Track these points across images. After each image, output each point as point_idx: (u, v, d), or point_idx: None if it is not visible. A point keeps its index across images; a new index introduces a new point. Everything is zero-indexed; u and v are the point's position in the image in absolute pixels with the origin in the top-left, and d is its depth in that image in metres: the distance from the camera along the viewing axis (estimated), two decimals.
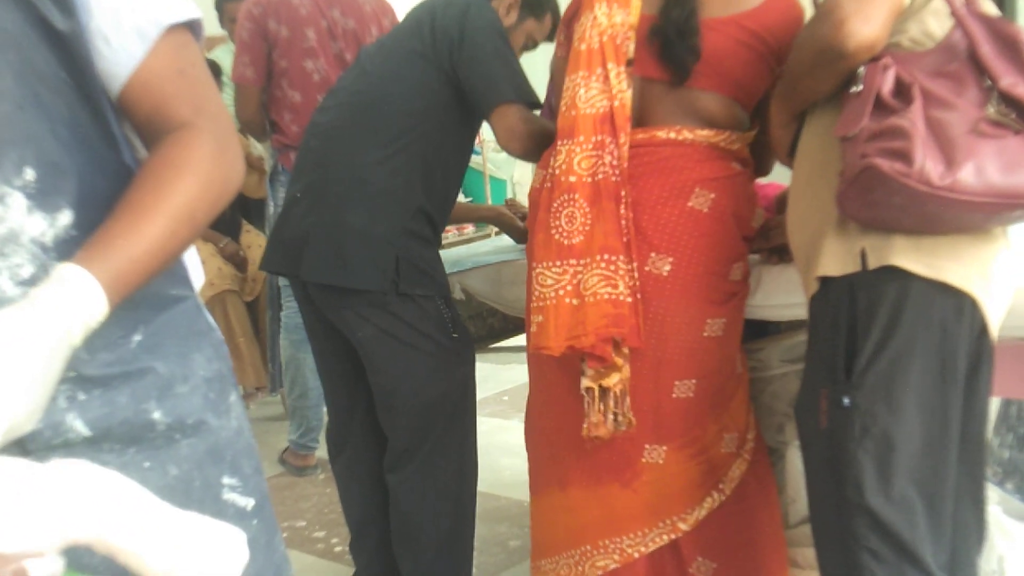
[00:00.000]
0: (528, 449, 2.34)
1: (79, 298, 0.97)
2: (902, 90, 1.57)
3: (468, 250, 2.94)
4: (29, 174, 1.05)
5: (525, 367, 2.34)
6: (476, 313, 2.90)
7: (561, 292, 1.99)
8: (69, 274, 0.98)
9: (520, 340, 2.98)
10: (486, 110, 2.39)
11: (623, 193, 1.96)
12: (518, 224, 2.84)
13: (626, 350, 1.97)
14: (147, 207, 1.06)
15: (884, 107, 1.58)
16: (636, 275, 1.96)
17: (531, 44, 2.74)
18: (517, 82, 2.39)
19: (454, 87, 2.46)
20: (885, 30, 1.60)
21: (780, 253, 2.10)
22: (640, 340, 1.96)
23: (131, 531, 0.87)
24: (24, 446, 1.03)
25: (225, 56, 4.56)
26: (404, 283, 2.43)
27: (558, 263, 2.00)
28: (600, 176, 1.97)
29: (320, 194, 2.52)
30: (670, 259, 2.00)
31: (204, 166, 1.12)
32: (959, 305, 1.60)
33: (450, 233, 6.95)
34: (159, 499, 0.91)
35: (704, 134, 2.02)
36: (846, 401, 1.64)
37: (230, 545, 0.94)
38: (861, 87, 1.62)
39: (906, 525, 1.64)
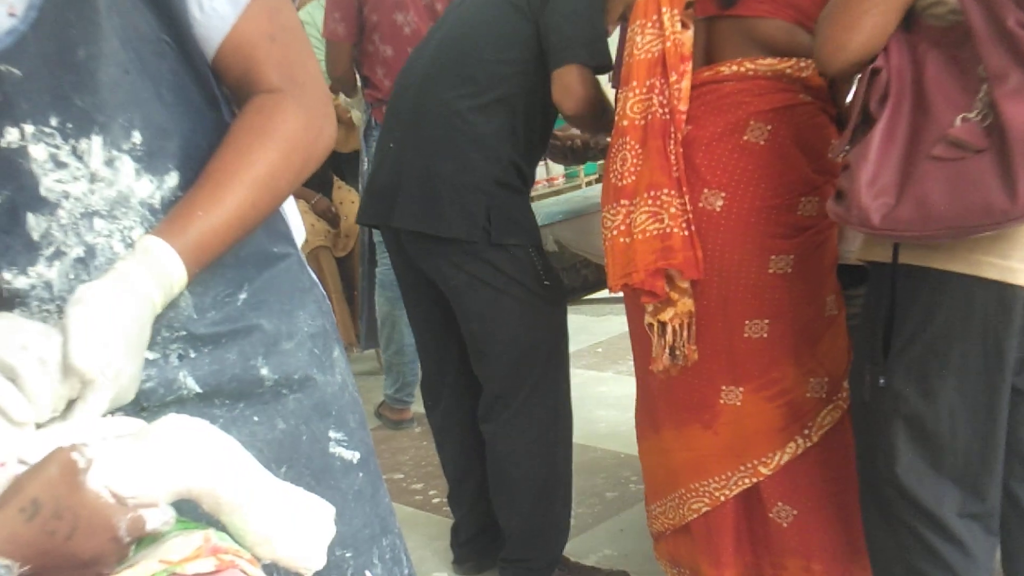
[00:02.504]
0: (636, 396, 2.36)
1: (160, 270, 1.00)
2: (886, 98, 1.55)
3: (559, 201, 2.92)
4: (136, 137, 1.06)
5: (619, 319, 2.35)
6: (570, 265, 2.89)
7: (615, 232, 2.06)
8: (152, 246, 1.00)
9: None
10: (553, 65, 2.40)
11: (672, 130, 2.00)
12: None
13: (684, 284, 2.01)
14: (227, 176, 1.07)
15: (870, 120, 1.57)
16: (688, 209, 1.99)
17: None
18: (592, 45, 2.39)
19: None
20: (871, 43, 1.58)
21: None
22: (698, 272, 2.00)
23: (237, 491, 0.89)
24: (139, 403, 1.05)
25: (316, 12, 4.58)
26: (496, 232, 2.46)
27: (615, 205, 2.08)
28: (650, 117, 2.02)
29: (413, 143, 2.55)
30: (723, 194, 2.01)
31: (287, 133, 1.12)
32: (1003, 297, 1.55)
33: (539, 184, 6.98)
34: (261, 465, 0.93)
35: (767, 63, 2.01)
36: (882, 381, 1.66)
37: (321, 517, 0.96)
38: (853, 97, 1.62)
39: (936, 504, 1.66)
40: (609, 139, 2.19)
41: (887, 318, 1.65)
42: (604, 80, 2.55)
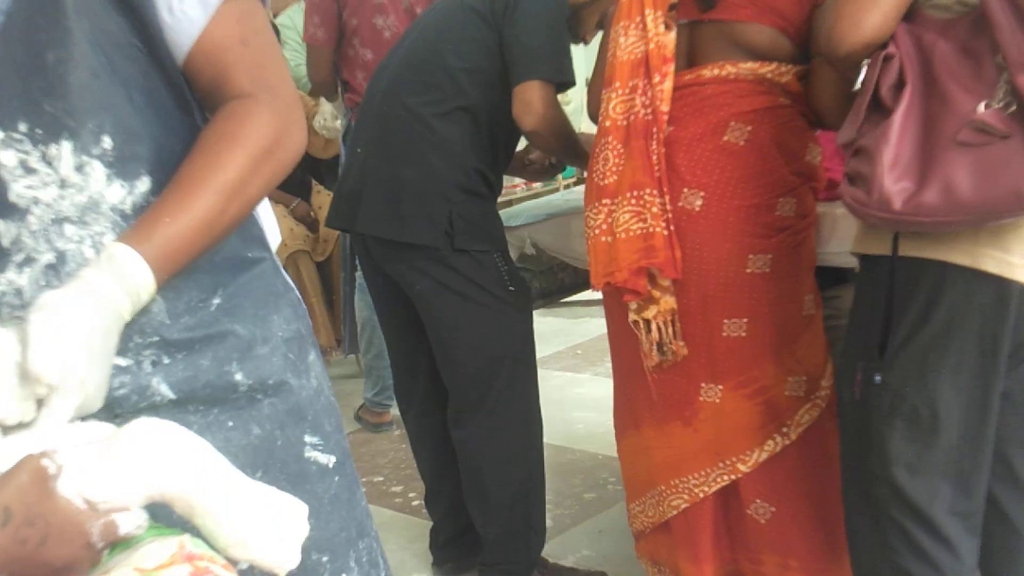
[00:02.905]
0: (613, 395, 2.37)
1: (127, 277, 0.99)
2: (901, 85, 1.53)
3: (537, 204, 2.93)
4: (107, 142, 1.06)
5: (597, 321, 2.38)
6: (547, 268, 2.90)
7: (598, 232, 2.09)
8: (117, 253, 1.00)
9: (592, 294, 2.99)
10: (514, 80, 2.40)
11: (654, 130, 2.02)
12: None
13: (665, 282, 2.03)
14: (196, 182, 1.06)
15: (881, 107, 1.55)
16: (669, 208, 2.01)
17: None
18: (555, 61, 2.40)
19: None
20: (886, 25, 1.56)
21: None
22: (676, 271, 2.02)
23: (210, 493, 0.89)
24: (112, 410, 1.05)
25: (297, 16, 4.57)
26: (460, 238, 2.46)
27: (596, 204, 2.10)
28: (632, 118, 2.04)
29: (378, 148, 2.56)
30: (702, 194, 2.03)
31: (258, 139, 1.11)
32: (1002, 291, 1.55)
33: (517, 188, 6.99)
34: (233, 466, 0.93)
35: (748, 67, 2.03)
36: (877, 378, 1.65)
37: (295, 516, 0.96)
38: (860, 85, 1.60)
39: (928, 502, 1.65)
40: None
41: (884, 313, 1.64)
42: (581, 109, 2.55)
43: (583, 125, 6.42)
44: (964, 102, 1.46)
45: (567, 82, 2.44)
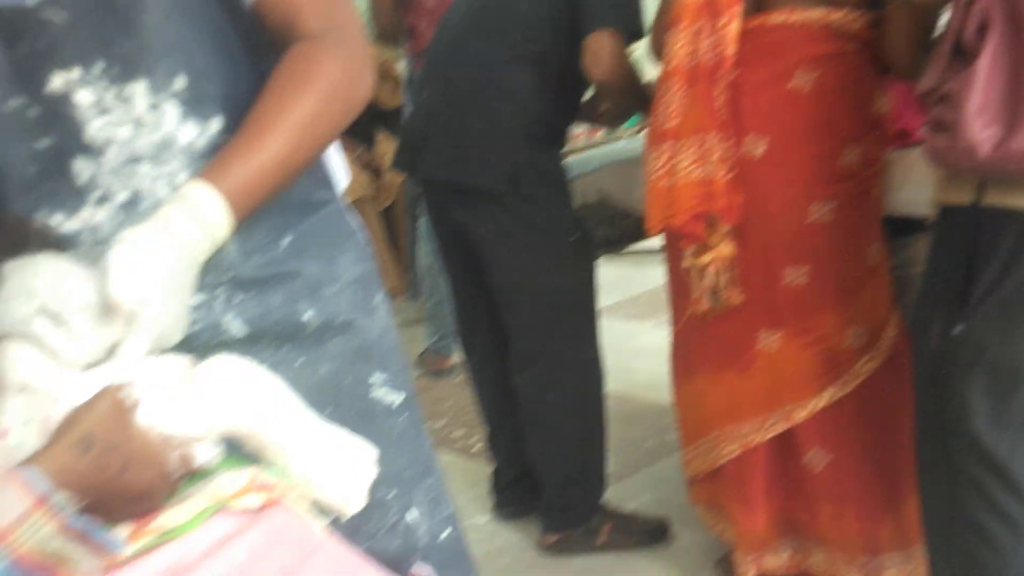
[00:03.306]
0: (671, 343, 2.37)
1: (203, 215, 1.00)
2: (984, 29, 1.46)
3: (602, 151, 2.91)
4: (180, 82, 1.08)
5: (659, 271, 2.35)
6: (611, 216, 2.88)
7: (658, 175, 2.07)
8: (193, 192, 1.01)
9: (655, 243, 2.97)
10: (584, 30, 2.36)
11: (720, 74, 1.99)
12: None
13: (724, 229, 2.02)
14: (268, 122, 1.07)
15: (965, 53, 1.49)
16: (732, 154, 1.99)
17: None
18: (626, 12, 2.36)
19: None
20: None
21: None
22: (738, 218, 2.01)
23: (281, 432, 0.91)
24: (186, 345, 1.07)
25: None
26: (525, 185, 2.45)
27: (658, 147, 2.08)
28: (696, 60, 2.01)
29: (445, 93, 2.56)
30: (766, 140, 2.00)
31: (328, 80, 1.11)
32: None
33: (579, 138, 6.93)
34: (305, 406, 0.95)
35: (816, 14, 1.99)
36: (957, 330, 1.59)
37: (363, 459, 0.97)
38: (943, 30, 1.54)
39: (1007, 456, 1.60)
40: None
41: (966, 264, 1.58)
42: (647, 57, 2.52)
43: (647, 72, 6.35)
44: None
45: (637, 33, 2.41)
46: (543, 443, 2.71)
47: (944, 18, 1.61)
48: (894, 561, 2.08)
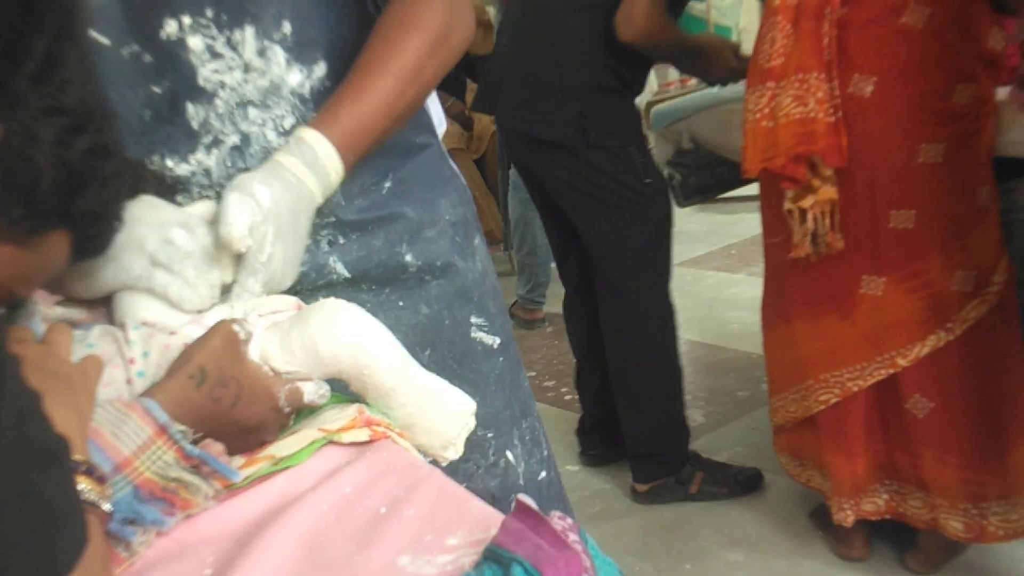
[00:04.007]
0: (764, 288, 2.36)
1: (316, 159, 1.02)
2: None
3: (695, 96, 2.87)
4: (286, 27, 1.09)
5: (752, 221, 2.33)
6: (704, 163, 2.85)
7: (758, 115, 2.03)
8: (306, 136, 1.03)
9: (748, 191, 2.93)
10: None
11: (827, 11, 1.94)
12: (728, 58, 2.61)
13: (827, 171, 1.97)
14: (375, 68, 1.08)
15: None
16: (837, 94, 1.95)
17: None
18: None
19: None
20: None
21: None
22: (841, 160, 1.97)
23: (385, 375, 0.93)
24: (293, 287, 1.10)
25: None
26: (594, 134, 2.49)
27: (760, 87, 2.04)
28: None
29: (519, 42, 2.61)
30: (874, 79, 1.95)
31: (432, 25, 1.13)
32: None
33: (671, 87, 6.85)
34: (408, 354, 0.96)
35: None
36: None
37: (462, 409, 0.99)
38: None
39: None
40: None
41: None
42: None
43: (742, 17, 6.24)
44: None
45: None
46: (627, 388, 2.76)
47: None
48: (997, 510, 2.05)
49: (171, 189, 1.08)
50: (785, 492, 2.63)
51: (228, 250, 0.93)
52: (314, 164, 1.02)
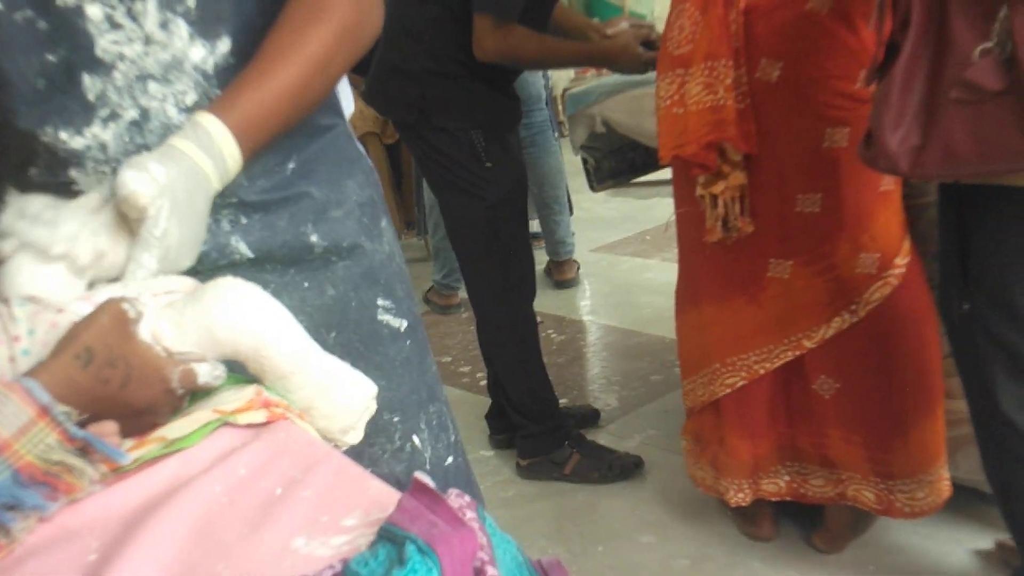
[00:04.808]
0: (677, 272, 2.38)
1: (211, 143, 1.00)
2: (907, 24, 1.42)
3: (607, 80, 2.88)
4: (190, 0, 1.06)
5: (666, 207, 2.34)
6: (617, 147, 2.86)
7: (669, 102, 2.05)
8: (203, 121, 1.00)
9: (662, 175, 2.95)
10: (472, 8, 2.47)
11: None
12: (636, 54, 2.60)
13: (736, 157, 2.00)
14: (281, 55, 1.07)
15: (894, 47, 1.46)
16: (745, 80, 1.97)
17: None
18: None
19: None
20: None
21: None
22: (750, 146, 1.99)
23: (282, 358, 0.91)
24: (193, 268, 1.07)
25: None
26: (435, 117, 2.58)
27: (670, 74, 2.06)
28: None
29: (384, 32, 2.62)
30: (780, 64, 1.97)
31: (341, 16, 1.11)
32: None
33: (587, 74, 6.87)
34: (309, 336, 0.94)
35: None
36: (965, 306, 1.58)
37: (363, 393, 0.97)
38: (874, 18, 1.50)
39: None
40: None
41: (960, 241, 1.56)
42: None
43: (656, 4, 6.27)
44: (965, 43, 1.36)
45: (507, 20, 2.45)
46: (489, 365, 2.91)
47: None
48: (903, 488, 2.09)
49: (63, 163, 1.05)
50: (674, 481, 2.66)
51: (129, 214, 0.90)
52: (210, 148, 0.99)
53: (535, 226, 4.54)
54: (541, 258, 4.46)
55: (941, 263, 1.70)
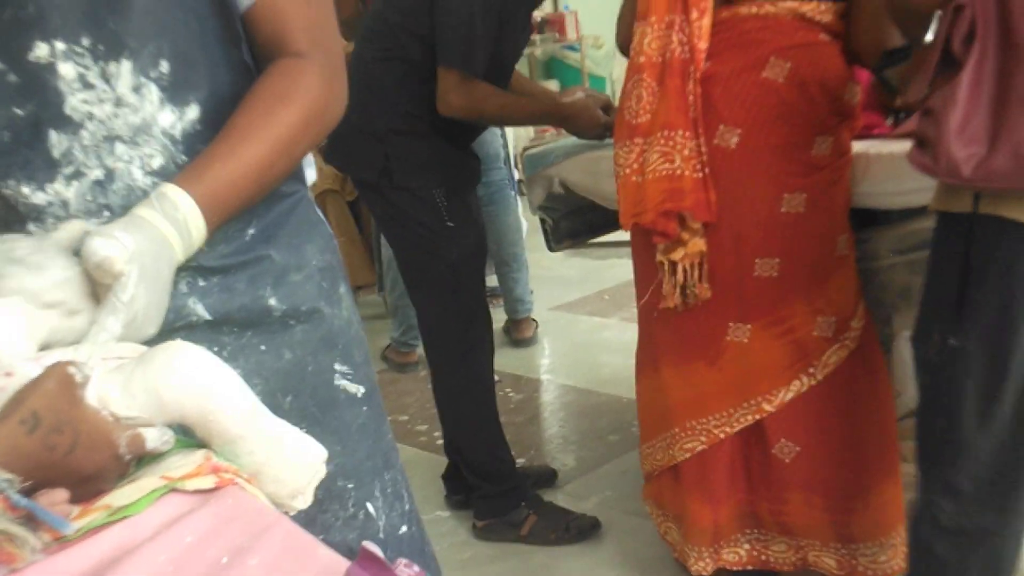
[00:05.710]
0: (637, 335, 2.38)
1: (177, 214, 1.00)
2: (972, 38, 1.44)
3: (566, 142, 2.91)
4: (164, 66, 1.08)
5: (625, 266, 2.36)
6: (575, 208, 2.88)
7: (628, 171, 2.08)
8: (168, 192, 1.01)
9: (620, 236, 2.97)
10: (437, 61, 2.49)
11: (691, 69, 1.99)
12: (596, 116, 2.64)
13: (695, 225, 2.02)
14: (248, 133, 1.08)
15: (953, 62, 1.47)
16: (704, 150, 1.99)
17: None
18: (465, 51, 2.46)
19: None
20: None
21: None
22: (710, 215, 2.02)
23: (230, 422, 0.90)
24: None
25: None
26: (397, 176, 2.58)
27: (628, 143, 2.08)
28: (668, 55, 2.01)
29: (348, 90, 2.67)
30: (738, 131, 2.00)
31: (310, 100, 1.14)
32: None
33: (547, 133, 6.95)
34: (259, 400, 0.94)
35: (788, 5, 2.00)
36: (953, 342, 1.58)
37: (313, 458, 0.96)
38: (931, 37, 1.52)
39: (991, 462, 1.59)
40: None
41: (962, 273, 1.55)
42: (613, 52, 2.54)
43: (616, 67, 6.36)
44: None
45: (473, 74, 2.48)
46: (447, 428, 2.89)
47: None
48: (866, 552, 2.10)
49: (22, 217, 1.05)
50: (654, 536, 2.64)
51: (102, 280, 0.91)
52: (175, 219, 1.00)
53: (493, 281, 4.54)
54: (499, 316, 4.45)
55: (926, 297, 1.68)
